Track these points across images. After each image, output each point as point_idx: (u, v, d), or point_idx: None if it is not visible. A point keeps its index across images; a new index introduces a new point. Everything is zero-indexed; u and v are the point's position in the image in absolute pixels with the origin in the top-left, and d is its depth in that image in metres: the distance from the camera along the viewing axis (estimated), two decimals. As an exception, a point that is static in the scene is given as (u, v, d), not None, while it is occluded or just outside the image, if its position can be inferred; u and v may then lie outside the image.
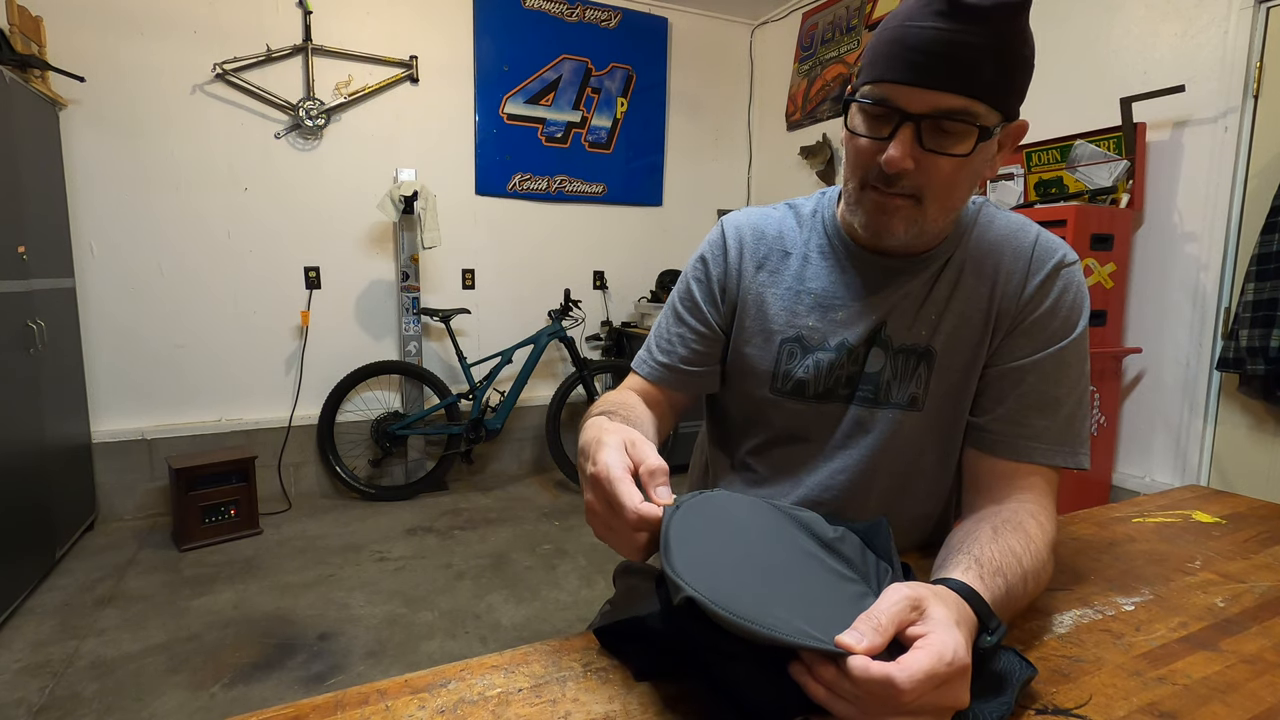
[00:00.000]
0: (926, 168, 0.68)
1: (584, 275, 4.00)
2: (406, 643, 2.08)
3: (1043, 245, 0.79)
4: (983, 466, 0.79)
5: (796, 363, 0.83)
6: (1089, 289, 2.58)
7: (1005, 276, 0.78)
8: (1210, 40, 2.24)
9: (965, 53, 0.63)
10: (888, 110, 0.67)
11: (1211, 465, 2.34)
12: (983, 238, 0.81)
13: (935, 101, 0.65)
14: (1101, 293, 2.35)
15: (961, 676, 0.47)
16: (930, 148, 0.67)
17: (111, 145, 2.93)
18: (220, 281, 3.18)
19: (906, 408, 0.81)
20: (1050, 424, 0.76)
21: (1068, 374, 0.77)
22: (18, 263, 2.29)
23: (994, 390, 0.79)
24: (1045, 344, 0.77)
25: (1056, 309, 0.77)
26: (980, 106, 0.65)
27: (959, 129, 0.66)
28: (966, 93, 0.64)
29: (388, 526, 3.01)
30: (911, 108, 0.66)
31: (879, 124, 0.69)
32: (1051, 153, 2.59)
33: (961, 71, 0.64)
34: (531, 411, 3.78)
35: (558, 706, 0.54)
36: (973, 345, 0.79)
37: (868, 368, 0.82)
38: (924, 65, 0.64)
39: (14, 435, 2.24)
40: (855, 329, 0.81)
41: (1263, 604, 0.72)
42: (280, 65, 3.17)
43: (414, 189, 3.25)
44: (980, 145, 0.67)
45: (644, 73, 3.99)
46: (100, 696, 1.79)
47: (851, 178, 0.74)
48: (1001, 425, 0.77)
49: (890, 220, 0.72)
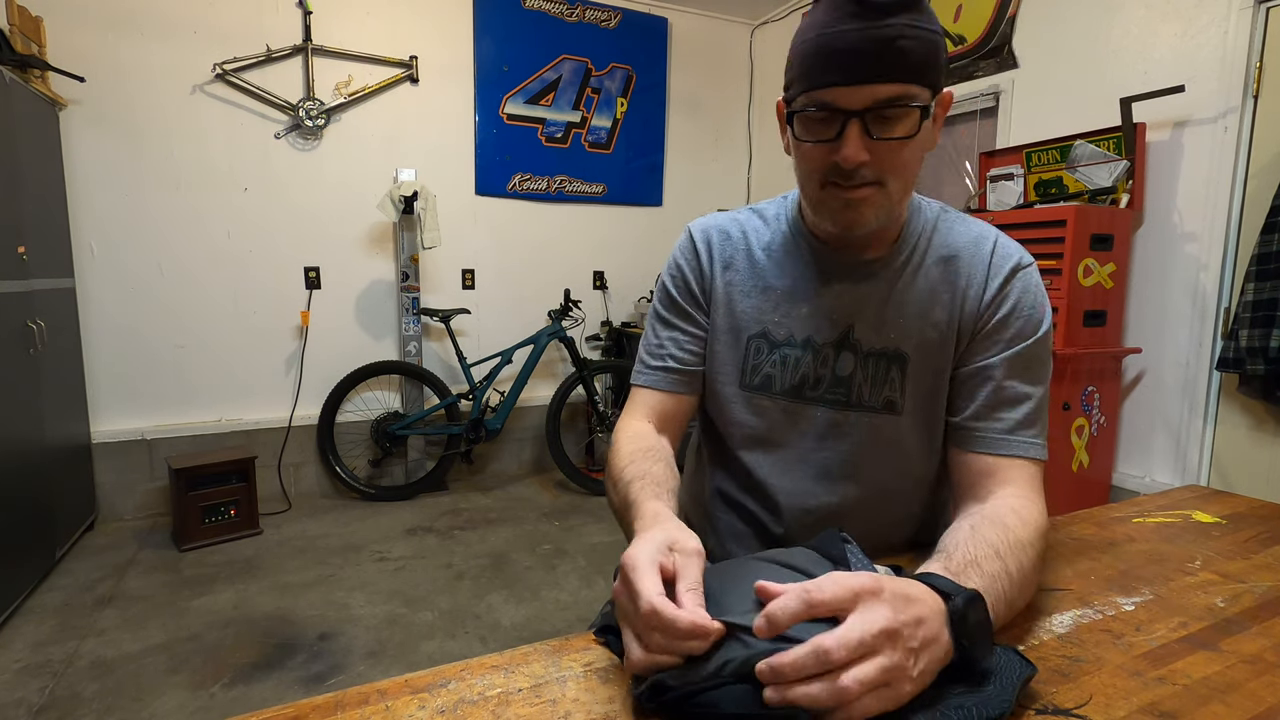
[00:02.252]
0: (881, 155, 0.72)
1: (584, 275, 4.00)
2: (406, 643, 2.08)
3: (1000, 250, 0.83)
4: (963, 465, 0.81)
5: (764, 358, 0.87)
6: (1089, 288, 2.54)
7: (966, 281, 0.82)
8: (1210, 40, 2.24)
9: (885, 44, 0.67)
10: (831, 113, 0.71)
11: (1211, 465, 2.34)
12: (942, 242, 0.84)
13: (872, 94, 0.69)
14: (1101, 293, 2.35)
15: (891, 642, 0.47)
16: (879, 136, 0.71)
17: (111, 145, 2.93)
18: (220, 281, 3.18)
19: (882, 410, 0.83)
20: (1021, 418, 0.79)
21: (1034, 371, 0.80)
22: (18, 263, 2.29)
23: (965, 389, 0.82)
24: (1011, 343, 0.80)
25: (1018, 309, 0.80)
26: (913, 88, 0.70)
27: (899, 113, 0.70)
28: (897, 79, 0.69)
29: (388, 526, 3.01)
30: (852, 105, 0.69)
31: (824, 127, 0.72)
32: (1051, 153, 2.59)
33: (887, 61, 0.68)
34: (531, 411, 3.78)
35: (558, 706, 0.54)
36: (941, 349, 0.82)
37: (838, 370, 0.84)
38: (852, 64, 0.68)
39: (14, 435, 2.24)
40: (821, 326, 0.84)
41: (1263, 604, 0.72)
42: (280, 65, 3.17)
43: (414, 189, 3.25)
44: (923, 123, 0.72)
45: (644, 73, 3.99)
46: (100, 696, 1.79)
47: (809, 181, 0.77)
48: (975, 422, 0.80)
49: (859, 211, 0.75)
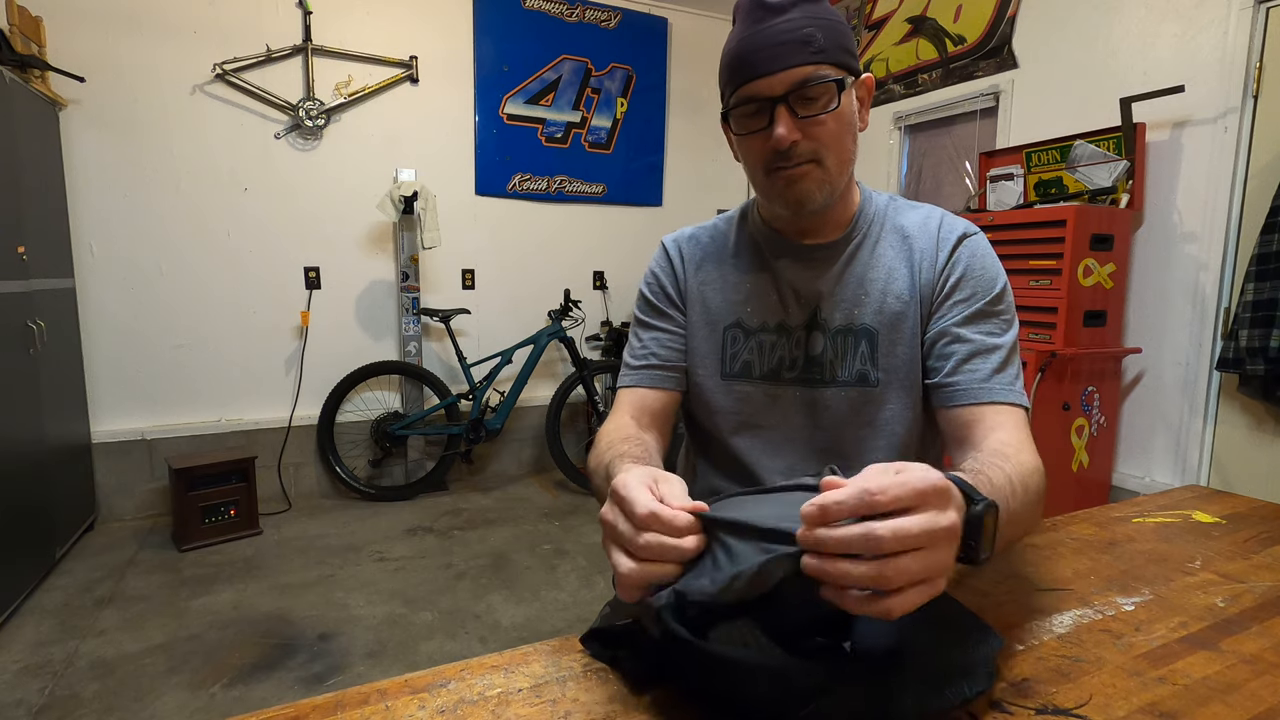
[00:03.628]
0: (812, 133, 0.78)
1: (584, 275, 4.00)
2: (406, 643, 2.08)
3: (947, 224, 0.90)
4: (949, 420, 0.84)
5: (740, 346, 0.92)
6: (1089, 288, 2.55)
7: (920, 255, 0.88)
8: (1210, 40, 2.25)
9: (789, 34, 0.76)
10: (758, 103, 0.79)
11: (1211, 465, 2.34)
12: (895, 222, 0.91)
13: (788, 78, 0.77)
14: (1101, 293, 2.35)
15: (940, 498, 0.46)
16: (805, 115, 0.78)
17: (111, 145, 2.93)
18: (220, 281, 3.18)
19: (856, 384, 0.88)
20: (994, 367, 0.83)
21: (998, 322, 0.85)
22: (18, 263, 2.29)
23: (938, 352, 0.86)
24: (970, 302, 0.85)
25: (969, 271, 0.86)
26: (824, 68, 0.77)
27: (818, 91, 0.77)
28: (807, 62, 0.76)
29: (387, 527, 3.01)
30: (774, 91, 0.77)
31: (756, 119, 0.80)
32: (1051, 153, 2.59)
33: (796, 48, 0.76)
34: (531, 411, 3.78)
35: (558, 706, 0.54)
36: (906, 320, 0.87)
37: (810, 351, 0.89)
38: (766, 57, 0.77)
39: (14, 435, 2.24)
40: (790, 310, 0.90)
41: (1263, 604, 0.72)
42: (280, 65, 3.17)
43: (414, 189, 3.25)
44: (841, 96, 0.79)
45: (644, 73, 3.99)
46: (100, 696, 1.79)
47: (756, 172, 0.84)
48: (951, 378, 0.84)
49: (804, 187, 0.81)
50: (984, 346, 0.83)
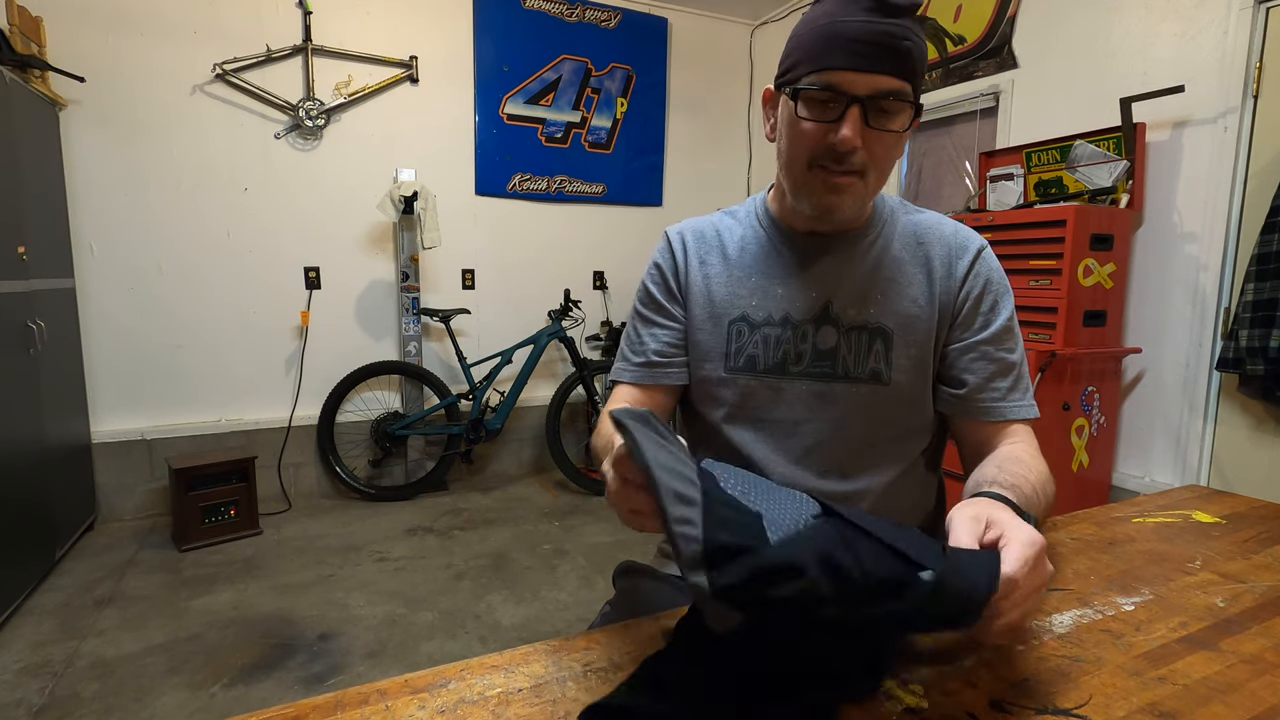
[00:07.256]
0: (871, 145, 0.76)
1: (584, 275, 4.00)
2: (406, 643, 2.08)
3: (961, 234, 0.91)
4: (973, 434, 0.89)
5: (745, 339, 0.91)
6: (1089, 289, 2.55)
7: (939, 263, 0.89)
8: (1210, 40, 2.24)
9: (896, 41, 0.73)
10: (835, 95, 0.75)
11: (1211, 465, 2.34)
12: (907, 222, 0.91)
13: (876, 84, 0.73)
14: (1101, 293, 2.35)
15: (1044, 553, 0.54)
16: (875, 126, 0.75)
17: (111, 145, 2.93)
18: (220, 281, 3.18)
19: (868, 381, 0.88)
20: (1011, 384, 0.87)
21: (1013, 339, 0.89)
22: (18, 263, 2.29)
23: (964, 364, 0.88)
24: (990, 319, 0.88)
25: (989, 286, 0.88)
26: (909, 87, 0.75)
27: (896, 107, 0.75)
28: (900, 75, 0.74)
29: (388, 527, 3.01)
30: (856, 90, 0.74)
31: (826, 109, 0.76)
32: (1051, 153, 2.59)
33: (895, 57, 0.73)
34: (531, 411, 3.78)
35: (558, 706, 0.54)
36: (924, 325, 0.88)
37: (819, 344, 0.88)
38: (864, 53, 0.73)
39: (14, 435, 2.24)
40: (797, 303, 0.89)
41: (1263, 604, 0.72)
42: (280, 65, 3.17)
43: (414, 189, 3.25)
44: (911, 121, 0.78)
45: (644, 73, 3.99)
46: (100, 697, 1.79)
47: (797, 161, 0.81)
48: (978, 395, 0.87)
49: (840, 198, 0.80)
50: (1006, 364, 0.87)
